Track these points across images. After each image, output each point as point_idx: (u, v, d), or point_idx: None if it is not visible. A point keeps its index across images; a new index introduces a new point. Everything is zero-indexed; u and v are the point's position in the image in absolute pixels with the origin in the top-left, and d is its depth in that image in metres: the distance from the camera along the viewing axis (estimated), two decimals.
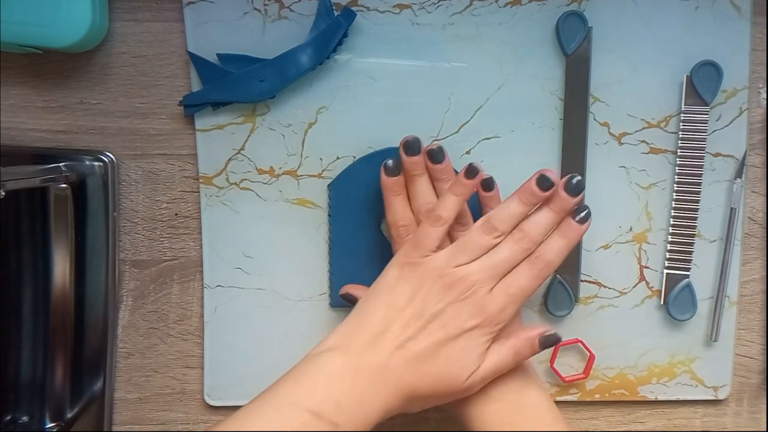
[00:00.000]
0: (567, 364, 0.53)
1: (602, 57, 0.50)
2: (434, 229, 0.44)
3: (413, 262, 0.43)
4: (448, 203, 0.44)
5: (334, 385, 0.40)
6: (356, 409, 0.39)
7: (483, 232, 0.44)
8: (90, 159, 0.50)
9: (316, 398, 0.39)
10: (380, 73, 0.50)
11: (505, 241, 0.43)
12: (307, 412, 0.38)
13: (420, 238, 0.44)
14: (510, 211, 0.44)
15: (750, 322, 0.54)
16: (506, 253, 0.43)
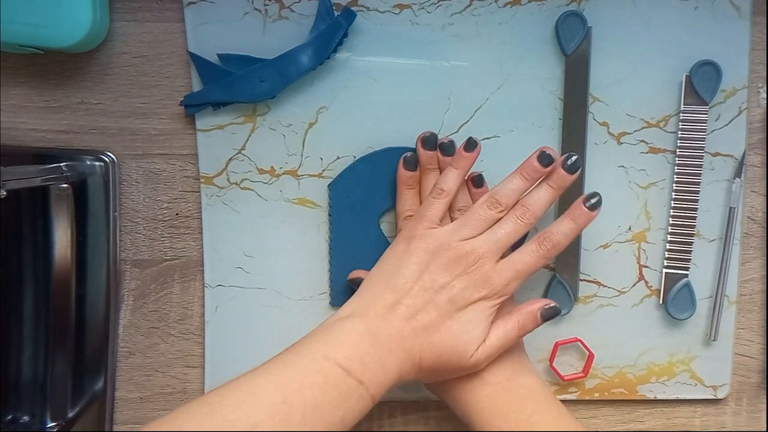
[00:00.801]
0: (566, 363, 0.53)
1: (602, 57, 0.50)
2: (437, 201, 0.46)
3: (420, 234, 0.45)
4: (449, 176, 0.46)
5: (360, 345, 0.40)
6: (377, 370, 0.40)
7: (487, 206, 0.45)
8: (91, 159, 0.50)
9: (345, 355, 0.40)
10: (380, 73, 0.50)
11: (508, 216, 0.45)
12: (339, 366, 0.39)
13: (423, 210, 0.46)
14: (512, 186, 0.45)
15: (749, 322, 0.54)
16: (509, 228, 0.45)
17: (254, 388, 0.37)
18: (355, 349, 0.40)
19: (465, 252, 0.44)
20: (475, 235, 0.44)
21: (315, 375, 0.38)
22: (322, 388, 0.38)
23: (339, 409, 0.38)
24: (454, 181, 0.46)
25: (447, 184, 0.46)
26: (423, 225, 0.45)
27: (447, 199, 0.46)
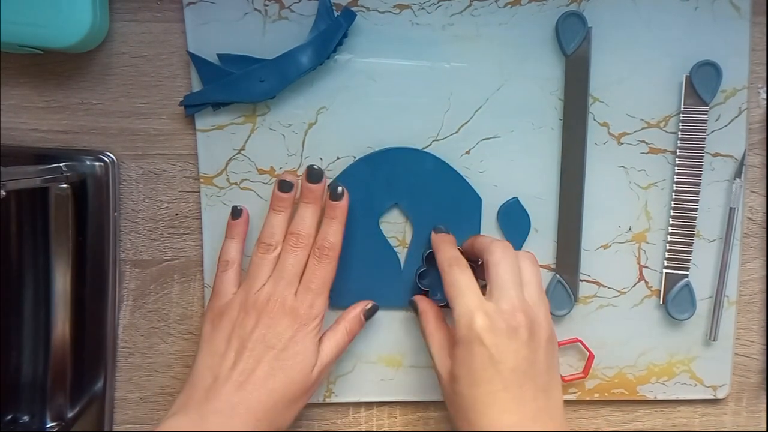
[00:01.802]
0: (566, 363, 0.53)
1: (602, 57, 0.50)
2: (224, 274, 0.48)
3: (218, 309, 0.46)
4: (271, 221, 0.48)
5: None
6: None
7: (260, 252, 0.47)
8: (91, 159, 0.50)
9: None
10: (380, 73, 0.50)
11: (284, 250, 0.46)
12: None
13: (217, 287, 0.47)
14: (273, 223, 0.47)
15: (749, 322, 0.54)
16: (290, 259, 0.46)
17: None
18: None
19: (260, 300, 0.45)
20: (265, 282, 0.46)
21: None
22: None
23: None
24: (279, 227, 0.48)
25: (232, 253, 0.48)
26: (221, 301, 0.47)
27: (232, 268, 0.48)
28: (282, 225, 0.47)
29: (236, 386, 0.43)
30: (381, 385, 0.53)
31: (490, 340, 0.40)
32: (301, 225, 0.47)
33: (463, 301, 0.42)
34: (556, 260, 0.52)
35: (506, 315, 0.41)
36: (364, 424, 0.54)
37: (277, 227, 0.47)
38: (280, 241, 0.47)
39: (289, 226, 0.47)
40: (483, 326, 0.41)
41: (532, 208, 0.51)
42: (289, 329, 0.45)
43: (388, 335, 0.52)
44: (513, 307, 0.41)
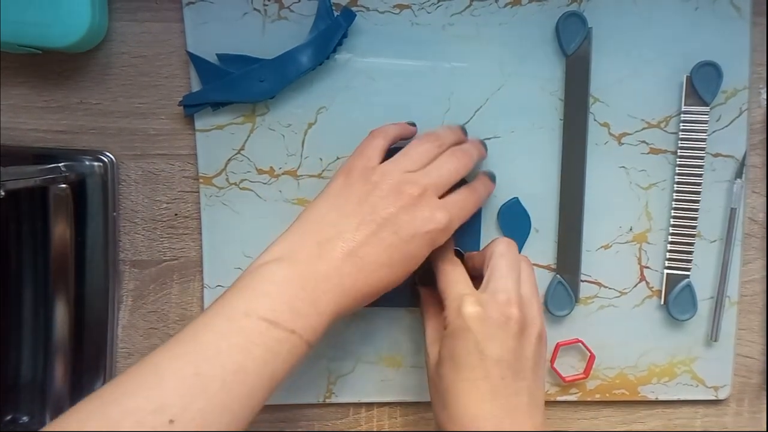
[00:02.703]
0: (567, 364, 0.53)
1: (602, 57, 0.50)
2: (375, 140, 0.45)
3: (360, 168, 0.43)
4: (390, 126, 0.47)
5: (288, 292, 0.38)
6: (311, 314, 0.38)
7: (427, 140, 0.45)
8: (90, 159, 0.50)
9: (270, 306, 0.37)
10: (380, 73, 0.50)
11: (447, 154, 0.45)
12: (263, 320, 0.36)
13: (363, 148, 0.45)
14: (450, 128, 0.47)
15: (750, 322, 0.54)
16: (451, 165, 0.44)
17: (158, 367, 0.34)
18: (282, 297, 0.38)
19: (409, 182, 0.42)
20: (417, 169, 0.43)
21: (234, 336, 0.36)
22: (244, 349, 0.35)
23: (267, 365, 0.36)
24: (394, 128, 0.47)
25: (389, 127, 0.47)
26: (363, 162, 0.44)
27: (387, 139, 0.45)
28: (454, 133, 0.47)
29: (351, 257, 0.40)
30: (381, 386, 0.53)
31: (477, 327, 0.40)
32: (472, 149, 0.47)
33: (455, 288, 0.43)
34: (556, 260, 0.52)
35: (500, 305, 0.41)
36: (364, 425, 0.53)
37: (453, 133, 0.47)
38: (448, 145, 0.45)
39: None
40: (472, 313, 0.40)
41: (532, 208, 0.51)
42: (422, 227, 0.41)
43: (389, 335, 0.52)
44: (508, 299, 0.41)
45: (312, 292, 0.38)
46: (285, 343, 0.37)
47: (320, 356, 0.52)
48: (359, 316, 0.52)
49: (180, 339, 0.36)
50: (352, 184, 0.42)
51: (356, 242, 0.40)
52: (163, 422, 0.32)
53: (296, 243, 0.41)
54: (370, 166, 0.43)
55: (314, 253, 0.40)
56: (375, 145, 0.45)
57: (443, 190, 0.43)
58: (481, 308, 0.41)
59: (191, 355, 0.35)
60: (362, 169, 0.43)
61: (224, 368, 0.34)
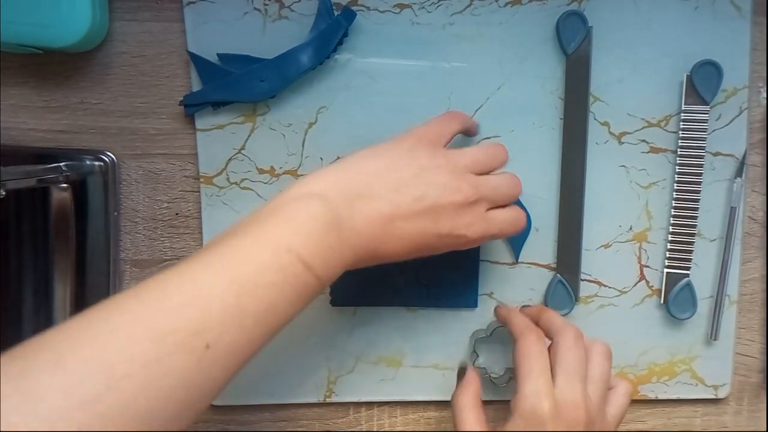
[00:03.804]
0: None
1: (602, 57, 0.50)
2: (454, 124, 0.45)
3: (431, 141, 0.43)
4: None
5: (326, 239, 0.37)
6: (336, 265, 0.38)
7: (497, 150, 0.45)
8: (90, 159, 0.50)
9: (310, 249, 0.36)
10: (380, 73, 0.50)
11: (508, 176, 0.45)
12: (301, 261, 0.35)
13: (439, 124, 0.44)
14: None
15: (750, 321, 0.54)
16: (508, 190, 0.44)
17: (204, 285, 0.33)
18: (320, 242, 0.36)
19: (470, 186, 0.41)
20: (480, 172, 0.43)
21: (274, 272, 0.34)
22: (280, 288, 0.35)
23: (293, 306, 0.36)
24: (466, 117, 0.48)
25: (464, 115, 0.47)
26: (434, 135, 0.44)
27: (460, 124, 0.46)
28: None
29: (387, 224, 0.39)
30: (381, 385, 0.53)
31: (551, 428, 0.39)
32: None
33: (535, 381, 0.41)
34: (556, 260, 0.52)
35: (569, 408, 0.40)
36: (364, 424, 0.54)
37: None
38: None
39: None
40: (550, 413, 0.39)
41: (532, 207, 0.51)
42: (457, 230, 0.41)
43: (389, 335, 0.52)
44: (576, 402, 0.40)
45: (343, 244, 0.38)
46: (310, 288, 0.36)
47: (320, 356, 0.52)
48: (359, 316, 0.52)
49: (222, 254, 0.34)
50: (419, 155, 0.41)
51: (398, 213, 0.39)
52: (201, 346, 0.31)
53: (343, 186, 0.39)
54: (439, 144, 0.43)
55: (359, 205, 0.39)
56: (451, 127, 0.45)
57: (493, 206, 0.43)
58: (557, 409, 0.40)
59: (233, 281, 0.33)
60: (431, 143, 0.42)
61: (260, 303, 0.34)
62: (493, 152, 0.45)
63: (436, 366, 0.52)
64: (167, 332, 0.31)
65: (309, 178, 0.39)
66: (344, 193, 0.39)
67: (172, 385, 0.30)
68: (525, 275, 0.52)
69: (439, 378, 0.53)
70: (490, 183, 0.43)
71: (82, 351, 0.29)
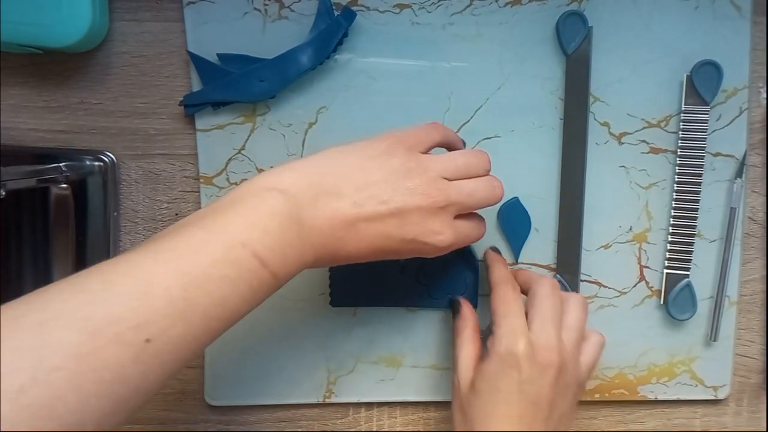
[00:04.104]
0: None
1: (602, 57, 0.50)
2: (435, 133, 0.43)
3: (408, 145, 0.41)
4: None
5: (285, 235, 0.36)
6: (294, 263, 0.37)
7: (477, 156, 0.43)
8: (90, 159, 0.50)
9: (267, 244, 0.35)
10: (380, 73, 0.50)
11: (486, 180, 0.43)
12: (256, 257, 0.34)
13: (420, 131, 0.43)
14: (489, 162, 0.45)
15: (750, 322, 0.54)
16: (484, 193, 0.42)
17: (151, 275, 0.32)
18: (278, 239, 0.36)
19: (439, 191, 0.40)
20: (454, 178, 0.41)
21: (228, 266, 0.33)
22: (233, 283, 0.34)
23: (246, 303, 0.35)
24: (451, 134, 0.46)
25: (447, 130, 0.45)
26: (413, 140, 0.42)
27: (444, 134, 0.44)
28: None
29: (350, 225, 0.38)
30: (381, 385, 0.53)
31: (526, 368, 0.40)
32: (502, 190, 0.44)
33: (511, 321, 0.42)
34: (556, 260, 0.52)
35: (543, 350, 0.41)
36: (364, 424, 0.54)
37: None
38: (488, 172, 0.44)
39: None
40: (524, 353, 0.41)
41: (532, 207, 0.51)
42: (423, 237, 0.40)
43: (389, 335, 0.52)
44: (550, 345, 0.41)
45: (304, 242, 0.37)
46: (265, 284, 0.35)
47: (320, 356, 0.52)
48: (359, 317, 0.52)
49: (175, 245, 0.33)
50: (392, 158, 0.40)
51: (361, 215, 0.38)
52: (140, 340, 0.30)
53: (309, 182, 0.38)
54: (416, 150, 0.41)
55: (322, 203, 0.38)
56: (431, 135, 0.43)
57: (465, 212, 0.42)
58: (531, 350, 0.41)
59: (183, 274, 0.32)
60: (408, 148, 0.41)
61: (210, 298, 0.33)
62: (473, 159, 0.43)
63: (436, 366, 0.52)
64: (105, 323, 0.29)
65: (274, 170, 0.39)
66: (309, 189, 0.38)
67: (106, 380, 0.29)
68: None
69: (439, 378, 0.53)
70: (464, 189, 0.41)
71: (13, 339, 0.28)
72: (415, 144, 0.42)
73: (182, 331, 0.32)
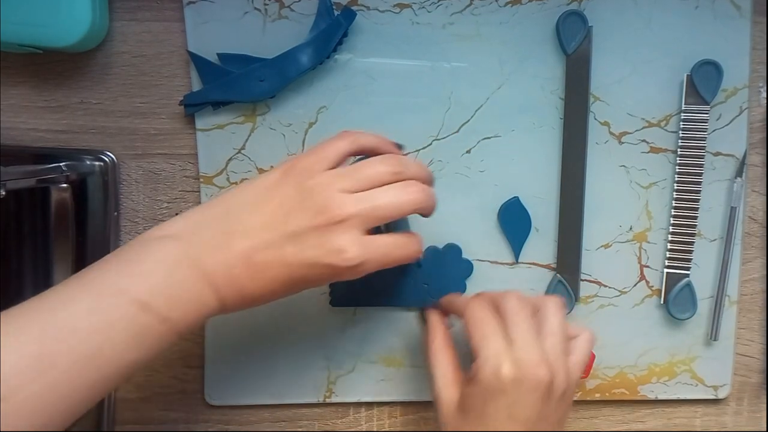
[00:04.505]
0: None
1: (602, 56, 0.50)
2: (341, 143, 0.40)
3: (305, 167, 0.39)
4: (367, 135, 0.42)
5: (173, 276, 0.35)
6: (190, 306, 0.36)
7: (385, 162, 0.39)
8: (90, 159, 0.50)
9: (147, 288, 0.34)
10: (380, 73, 0.50)
11: (399, 186, 0.39)
12: (135, 303, 0.33)
13: (322, 146, 0.40)
14: (422, 165, 0.41)
15: (750, 322, 0.54)
16: (396, 198, 0.38)
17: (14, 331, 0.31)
18: (165, 280, 0.35)
19: (334, 205, 0.37)
20: (356, 190, 0.38)
21: (98, 315, 0.32)
22: (105, 331, 0.32)
23: (128, 352, 0.33)
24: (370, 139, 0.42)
25: (360, 134, 0.41)
26: (310, 162, 0.39)
27: (351, 144, 0.40)
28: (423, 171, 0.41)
29: (247, 259, 0.37)
30: (381, 385, 0.53)
31: (512, 392, 0.39)
32: (431, 193, 0.41)
33: (492, 344, 0.40)
34: (556, 260, 0.52)
35: (530, 368, 0.39)
36: (364, 424, 0.54)
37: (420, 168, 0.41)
38: (404, 177, 0.40)
39: None
40: (510, 377, 0.39)
41: (532, 207, 0.51)
42: (325, 259, 0.37)
43: (389, 335, 0.52)
44: (536, 361, 0.39)
45: (198, 282, 0.36)
46: (153, 331, 0.34)
47: (320, 356, 0.52)
48: (359, 316, 0.52)
49: (46, 299, 0.33)
50: (285, 184, 0.38)
51: (257, 247, 0.37)
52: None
53: (201, 224, 0.38)
54: (316, 169, 0.39)
55: (215, 242, 0.37)
56: (336, 147, 0.40)
57: (375, 224, 0.38)
58: (520, 373, 0.39)
59: (41, 330, 0.31)
60: (305, 170, 0.39)
61: (75, 351, 0.32)
62: (381, 166, 0.39)
63: None
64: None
65: (169, 221, 0.38)
66: (203, 232, 0.37)
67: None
68: (525, 275, 0.52)
69: None
70: (366, 199, 0.38)
71: None
72: (315, 162, 0.39)
73: (40, 388, 0.31)
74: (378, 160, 0.40)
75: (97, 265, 0.36)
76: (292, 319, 0.52)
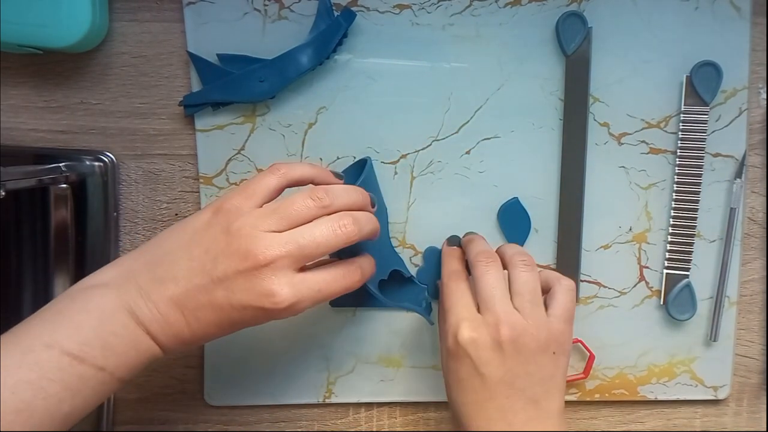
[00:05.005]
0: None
1: (602, 57, 0.50)
2: (269, 178, 0.40)
3: (233, 207, 0.38)
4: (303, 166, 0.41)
5: (105, 326, 0.35)
6: (128, 352, 0.36)
7: (310, 196, 0.38)
8: (90, 159, 0.50)
9: (79, 339, 0.34)
10: (380, 74, 0.50)
11: (328, 220, 0.38)
12: (66, 354, 0.34)
13: (250, 183, 0.39)
14: (350, 191, 0.40)
15: (750, 322, 0.54)
16: (325, 234, 0.38)
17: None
18: (96, 331, 0.35)
19: (259, 248, 0.36)
20: (283, 229, 0.37)
21: (25, 370, 0.33)
22: (35, 385, 0.33)
23: (63, 404, 0.34)
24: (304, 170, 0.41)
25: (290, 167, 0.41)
26: (238, 200, 0.38)
27: (281, 178, 0.40)
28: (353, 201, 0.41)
29: (179, 305, 0.37)
30: (381, 386, 0.53)
31: (473, 352, 0.40)
32: (366, 220, 0.40)
33: (453, 312, 0.42)
34: (556, 260, 0.52)
35: (490, 328, 0.40)
36: (364, 425, 0.54)
37: (348, 197, 0.40)
38: (332, 209, 0.39)
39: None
40: (467, 338, 0.40)
41: (532, 208, 0.51)
42: (255, 302, 0.37)
43: (388, 335, 0.52)
44: (497, 321, 0.40)
45: (133, 331, 0.36)
46: (90, 381, 0.35)
47: (320, 356, 0.52)
48: (359, 317, 0.52)
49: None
50: (214, 225, 0.38)
51: (187, 293, 0.37)
52: None
53: (133, 272, 0.38)
54: (244, 209, 0.38)
55: (147, 289, 0.37)
56: (264, 183, 0.39)
57: (305, 261, 0.38)
58: (476, 333, 0.40)
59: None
60: (233, 210, 0.38)
61: (5, 406, 0.32)
62: (308, 201, 0.38)
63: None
64: None
65: (102, 269, 0.39)
66: (136, 280, 0.37)
67: None
68: None
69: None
70: (294, 237, 0.37)
71: None
72: (243, 201, 0.38)
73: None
74: (305, 195, 0.39)
75: (29, 320, 0.36)
76: (292, 320, 0.51)
